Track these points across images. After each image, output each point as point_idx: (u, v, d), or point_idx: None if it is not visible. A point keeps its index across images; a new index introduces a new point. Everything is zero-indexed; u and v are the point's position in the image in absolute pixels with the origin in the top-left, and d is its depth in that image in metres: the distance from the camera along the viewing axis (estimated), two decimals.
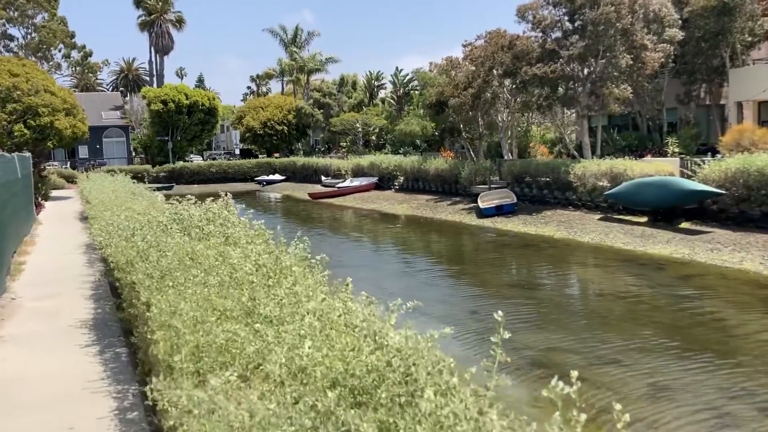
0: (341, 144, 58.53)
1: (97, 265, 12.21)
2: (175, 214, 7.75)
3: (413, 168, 38.48)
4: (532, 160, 30.86)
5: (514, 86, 30.66)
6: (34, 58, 58.55)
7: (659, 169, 23.13)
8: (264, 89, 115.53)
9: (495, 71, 31.68)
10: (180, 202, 11.68)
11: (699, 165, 21.74)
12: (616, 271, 16.91)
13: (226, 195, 8.35)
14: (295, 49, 75.14)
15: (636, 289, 14.89)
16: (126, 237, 7.01)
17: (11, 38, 70.26)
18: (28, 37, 73.84)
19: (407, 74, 51.33)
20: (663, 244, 19.11)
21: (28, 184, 19.21)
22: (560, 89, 28.09)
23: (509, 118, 33.85)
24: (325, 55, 73.06)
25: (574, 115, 36.25)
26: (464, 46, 35.27)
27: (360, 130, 55.61)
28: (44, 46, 71.71)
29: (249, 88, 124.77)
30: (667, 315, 12.81)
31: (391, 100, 54.49)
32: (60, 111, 29.66)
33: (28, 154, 20.67)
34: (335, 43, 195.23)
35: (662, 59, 27.42)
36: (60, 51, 78.44)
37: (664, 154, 28.75)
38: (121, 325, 7.37)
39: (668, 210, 21.36)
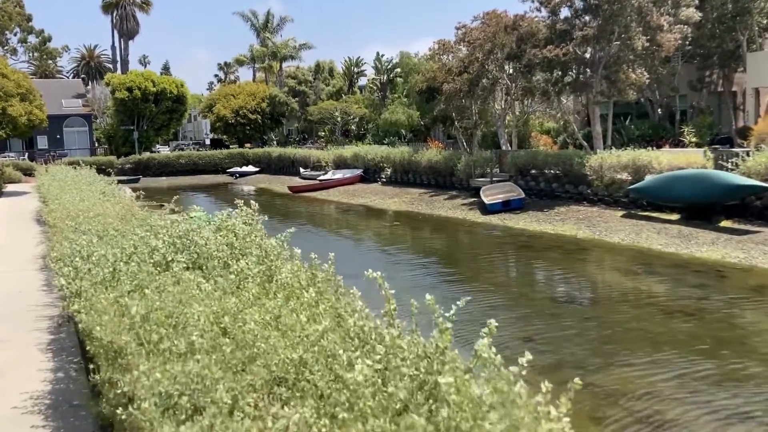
0: (319, 134, 55.64)
1: (56, 282, 9.46)
2: (178, 237, 5.11)
3: (403, 160, 35.94)
4: (539, 151, 28.59)
5: (518, 70, 28.25)
6: None
7: (690, 161, 21.00)
8: (232, 77, 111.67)
9: (495, 54, 29.29)
10: (172, 211, 9.07)
11: (740, 156, 19.61)
12: (670, 280, 14.67)
13: (246, 204, 5.71)
14: (267, 34, 71.92)
15: (707, 304, 12.65)
16: (104, 281, 4.37)
17: None
18: None
19: (391, 59, 48.69)
20: (708, 246, 16.96)
21: None
22: (570, 74, 25.76)
23: (508, 105, 31.50)
24: (299, 41, 70.14)
25: (571, 102, 34.17)
26: (458, 28, 32.75)
27: (339, 119, 52.80)
28: None
29: (216, 76, 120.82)
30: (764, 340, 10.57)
31: (374, 87, 51.72)
32: (14, 96, 26.44)
33: None
34: (307, 29, 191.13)
35: (679, 41, 25.32)
36: (16, 35, 74.19)
37: (679, 145, 26.73)
38: (96, 407, 4.75)
39: (705, 207, 19.21)
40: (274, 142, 60.76)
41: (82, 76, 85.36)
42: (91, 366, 4.03)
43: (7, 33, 70.21)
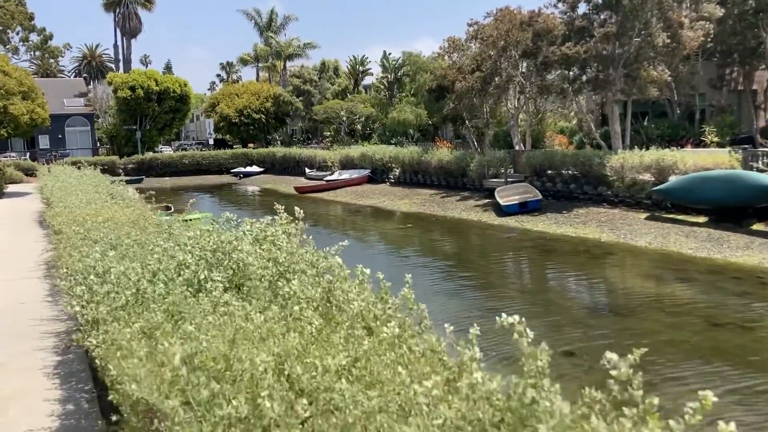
0: (325, 134, 54.83)
1: (64, 298, 8.71)
2: (213, 251, 4.33)
3: (412, 160, 35.15)
4: (556, 151, 27.78)
5: (533, 68, 27.45)
6: None
7: (717, 162, 20.21)
8: (235, 77, 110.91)
9: (509, 52, 28.51)
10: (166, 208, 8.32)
11: None
12: (709, 287, 13.88)
13: (297, 214, 4.92)
14: (270, 33, 71.18)
15: (752, 313, 11.87)
16: (127, 306, 3.58)
17: None
18: None
19: (398, 58, 47.83)
20: (743, 251, 16.18)
21: None
22: (589, 71, 24.96)
23: (522, 104, 30.71)
24: (303, 40, 69.39)
25: (584, 101, 33.39)
26: (470, 25, 31.99)
27: (345, 118, 52.00)
28: (0, 28, 66.61)
29: (219, 75, 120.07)
30: None
31: (381, 86, 50.87)
32: (15, 94, 25.67)
33: None
34: (310, 29, 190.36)
35: (701, 38, 24.53)
36: (18, 34, 73.38)
37: (700, 144, 25.95)
38: None
39: (735, 209, 18.41)
40: (278, 142, 60.02)
41: (84, 75, 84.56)
42: (107, 402, 3.27)
43: (9, 32, 69.46)
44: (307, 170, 47.10)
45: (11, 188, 32.17)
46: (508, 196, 25.51)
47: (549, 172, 26.33)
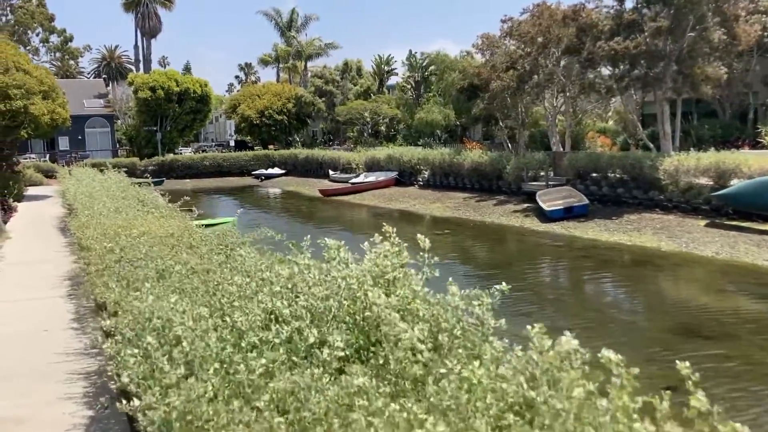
0: (348, 135, 53.62)
1: (93, 324, 7.48)
2: (324, 298, 3.04)
3: (443, 161, 33.78)
4: (602, 153, 26.34)
5: (577, 65, 26.02)
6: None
7: None
8: (253, 78, 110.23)
9: (549, 48, 27.13)
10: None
11: None
12: None
13: (421, 242, 3.62)
14: (292, 33, 70.25)
15: None
16: (214, 399, 2.31)
17: None
18: (3, 19, 68.27)
19: (425, 57, 46.47)
20: None
21: None
22: (638, 68, 23.48)
23: (561, 103, 29.27)
24: (324, 40, 68.39)
25: (620, 101, 31.88)
26: (503, 21, 30.62)
27: (369, 119, 50.76)
28: (20, 29, 66.17)
29: (237, 77, 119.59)
30: None
31: (407, 86, 49.56)
32: (36, 94, 24.65)
33: None
34: (331, 29, 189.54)
35: (757, 33, 23.01)
36: (38, 35, 72.98)
37: (757, 146, 24.39)
38: None
39: None
40: (299, 144, 58.90)
41: (104, 76, 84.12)
42: None
43: (30, 32, 69.06)
44: (330, 172, 45.92)
45: (31, 191, 31.27)
46: (552, 201, 24.10)
47: (594, 175, 24.87)
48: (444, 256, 19.15)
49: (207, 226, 10.31)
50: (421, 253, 3.49)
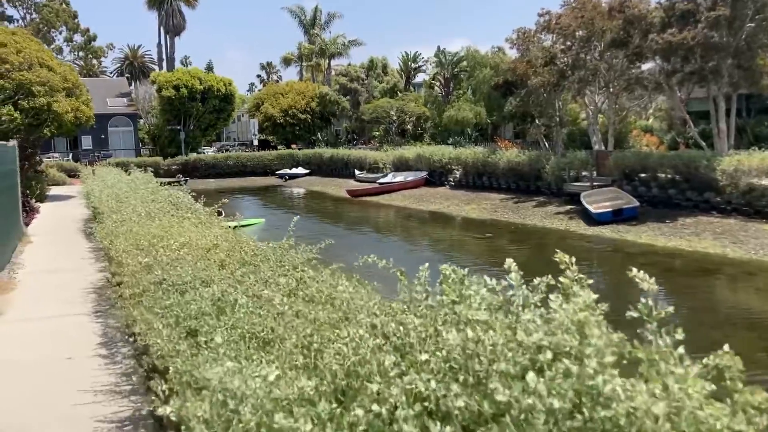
0: (373, 134, 52.45)
1: (123, 350, 6.39)
2: (466, 356, 1.88)
3: (476, 161, 32.50)
4: (651, 152, 24.96)
5: (624, 59, 24.63)
6: None
7: None
8: (275, 77, 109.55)
9: (592, 42, 25.79)
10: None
11: None
12: None
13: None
14: (315, 31, 69.31)
15: None
16: None
17: (10, 19, 64.39)
18: (28, 17, 68.03)
19: (456, 53, 45.15)
20: None
21: (10, 185, 13.37)
22: (693, 62, 22.02)
23: (604, 100, 27.87)
24: (348, 37, 67.33)
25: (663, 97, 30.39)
26: (540, 15, 29.27)
27: (395, 117, 49.54)
28: (45, 27, 65.86)
29: (259, 76, 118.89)
30: None
31: (436, 83, 48.26)
32: (59, 91, 23.80)
33: (11, 143, 14.83)
34: (355, 27, 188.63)
35: None
36: (61, 33, 72.73)
37: None
38: None
39: None
40: (323, 143, 57.84)
41: (126, 75, 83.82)
42: None
43: (54, 31, 68.80)
44: (356, 172, 44.82)
45: (54, 190, 30.53)
46: (598, 203, 22.76)
47: (642, 175, 23.49)
48: (491, 262, 17.95)
49: (235, 228, 9.33)
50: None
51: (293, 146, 60.13)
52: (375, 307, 2.99)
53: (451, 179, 34.97)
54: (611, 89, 26.77)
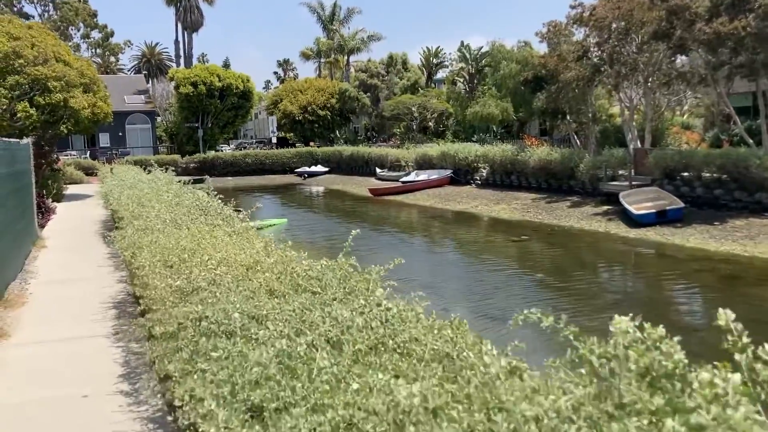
0: (394, 131, 51.36)
1: (156, 402, 5.40)
2: None
3: (504, 159, 31.35)
4: (695, 150, 23.69)
5: (666, 52, 23.38)
6: None
7: None
8: (291, 74, 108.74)
9: (631, 34, 24.57)
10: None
11: None
12: None
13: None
14: (334, 26, 68.38)
15: None
16: None
17: (27, 17, 63.96)
18: (45, 15, 67.62)
19: (480, 48, 43.99)
20: None
21: (23, 186, 12.47)
22: (742, 54, 20.75)
23: (641, 95, 26.60)
24: (368, 32, 66.31)
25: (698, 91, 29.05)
26: (572, 8, 28.05)
27: (417, 114, 48.42)
28: (63, 25, 65.40)
29: (275, 73, 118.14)
30: None
31: (460, 79, 47.04)
32: (76, 86, 22.98)
33: (26, 141, 13.94)
34: (374, 23, 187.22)
35: None
36: (79, 31, 72.25)
37: None
38: None
39: None
40: (341, 141, 56.83)
41: (144, 72, 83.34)
42: None
43: (72, 29, 68.35)
44: (378, 170, 43.79)
45: (71, 189, 29.82)
46: (639, 203, 21.56)
47: (684, 174, 22.25)
48: (531, 268, 16.82)
49: (260, 229, 8.52)
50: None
51: (311, 144, 59.25)
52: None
53: (478, 178, 33.85)
54: (649, 84, 25.51)
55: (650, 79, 25.19)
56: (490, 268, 16.98)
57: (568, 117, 30.38)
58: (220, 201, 9.60)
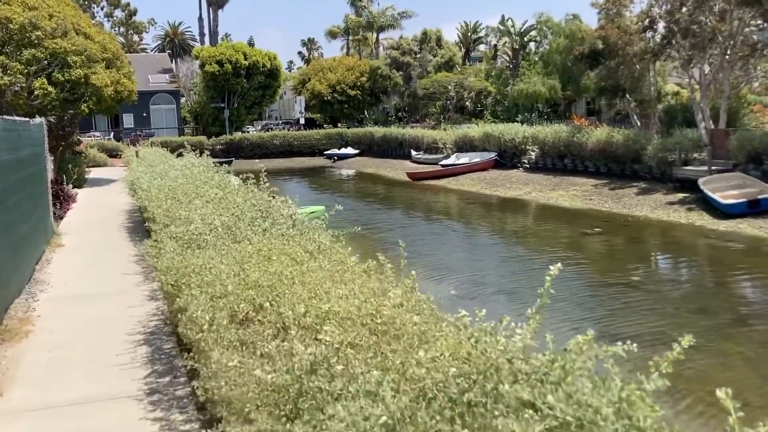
0: (431, 110, 48.88)
1: None
2: None
3: (557, 141, 28.94)
4: None
5: (760, 18, 20.79)
6: None
7: None
8: (316, 54, 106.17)
9: (711, 1, 21.98)
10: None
11: None
12: None
13: None
14: (363, 3, 65.88)
15: None
16: None
17: None
18: None
19: (525, 21, 41.25)
20: None
21: (36, 173, 10.48)
22: None
23: (716, 70, 23.96)
24: (398, 9, 63.74)
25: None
26: None
27: (453, 93, 45.89)
28: (86, 3, 63.60)
29: (300, 53, 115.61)
30: None
31: (502, 55, 44.37)
32: (98, 61, 21.00)
33: (37, 121, 11.93)
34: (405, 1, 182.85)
35: None
36: (102, 9, 70.47)
37: None
38: None
39: None
40: (371, 122, 54.44)
41: (168, 52, 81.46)
42: None
43: (94, 6, 66.55)
44: (413, 153, 41.53)
45: (94, 173, 28.05)
46: (724, 191, 19.14)
47: None
48: (625, 271, 14.36)
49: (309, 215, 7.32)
50: None
51: (339, 125, 57.04)
52: None
53: (526, 161, 31.50)
54: (727, 56, 22.88)
55: (730, 51, 22.56)
56: (580, 270, 14.40)
57: (628, 95, 27.80)
58: (273, 195, 7.47)
